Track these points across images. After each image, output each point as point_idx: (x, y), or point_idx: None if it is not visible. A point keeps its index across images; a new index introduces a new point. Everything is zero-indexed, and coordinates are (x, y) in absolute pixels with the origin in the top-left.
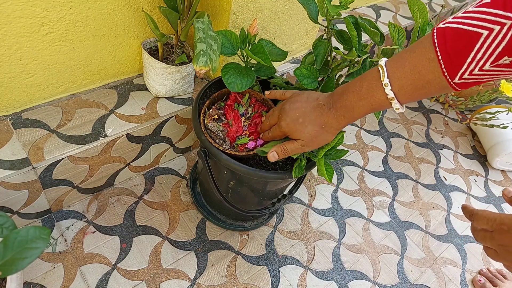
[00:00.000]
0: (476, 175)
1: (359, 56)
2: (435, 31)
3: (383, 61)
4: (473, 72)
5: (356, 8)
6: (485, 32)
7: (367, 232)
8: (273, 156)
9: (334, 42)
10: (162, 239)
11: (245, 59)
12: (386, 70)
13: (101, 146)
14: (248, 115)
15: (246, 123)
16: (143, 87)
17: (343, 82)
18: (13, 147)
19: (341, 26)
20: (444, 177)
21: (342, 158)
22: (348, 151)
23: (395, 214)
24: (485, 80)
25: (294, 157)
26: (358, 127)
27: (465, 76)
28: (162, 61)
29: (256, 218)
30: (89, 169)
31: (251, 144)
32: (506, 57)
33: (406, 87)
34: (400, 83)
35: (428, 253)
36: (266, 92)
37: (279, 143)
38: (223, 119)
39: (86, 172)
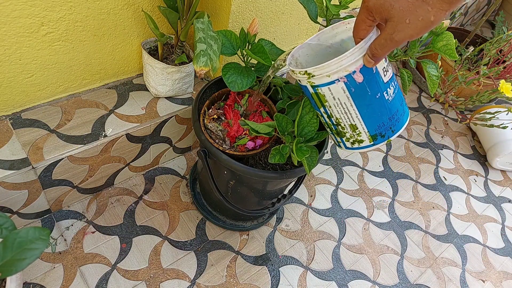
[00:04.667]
0: (476, 175)
1: None
2: None
3: None
4: None
5: (356, 8)
6: None
7: (367, 232)
8: (367, 61)
9: None
10: (162, 239)
11: (245, 59)
12: None
13: (100, 146)
14: (246, 113)
15: None
16: (143, 87)
17: None
18: (13, 147)
19: None
20: (444, 177)
21: (342, 158)
22: (328, 132)
23: (395, 214)
24: None
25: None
26: None
27: None
28: (162, 61)
29: (256, 218)
30: (88, 169)
31: (250, 144)
32: None
33: None
34: None
35: (428, 253)
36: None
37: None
38: (223, 118)
39: (86, 172)
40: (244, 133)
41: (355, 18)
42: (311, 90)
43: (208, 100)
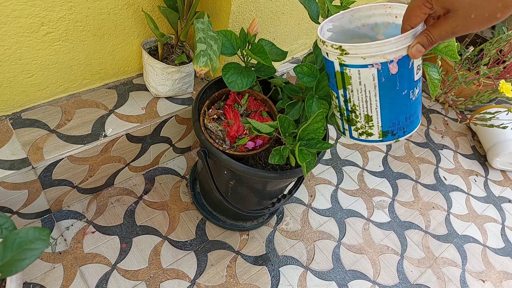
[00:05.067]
0: (476, 175)
1: None
2: None
3: None
4: None
5: None
6: None
7: (367, 232)
8: (417, 50)
9: None
10: (162, 239)
11: (245, 59)
12: None
13: (100, 146)
14: (246, 113)
15: None
16: (143, 87)
17: None
18: (13, 147)
19: None
20: (444, 177)
21: (342, 158)
22: (332, 144)
23: (395, 214)
24: None
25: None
26: None
27: None
28: (162, 61)
29: (256, 218)
30: (88, 169)
31: (250, 144)
32: None
33: None
34: None
35: (428, 253)
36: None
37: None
38: (223, 118)
39: (86, 172)
40: (244, 133)
41: (405, 4)
42: (337, 67)
43: (208, 100)
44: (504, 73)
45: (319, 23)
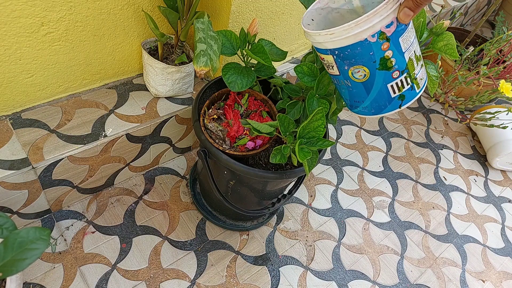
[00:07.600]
0: (476, 175)
1: None
2: None
3: None
4: None
5: None
6: None
7: (367, 232)
8: (405, 14)
9: None
10: (162, 239)
11: (245, 59)
12: None
13: (100, 146)
14: (246, 113)
15: None
16: (143, 87)
17: None
18: (13, 147)
19: None
20: (444, 177)
21: (342, 158)
22: (333, 142)
23: (395, 214)
24: None
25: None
26: (358, 127)
27: None
28: (162, 61)
29: (256, 218)
30: (88, 169)
31: (250, 144)
32: None
33: None
34: None
35: (428, 253)
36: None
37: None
38: (223, 118)
39: (86, 172)
40: (244, 133)
41: None
42: (379, 52)
43: (208, 100)
44: (504, 73)
45: None
